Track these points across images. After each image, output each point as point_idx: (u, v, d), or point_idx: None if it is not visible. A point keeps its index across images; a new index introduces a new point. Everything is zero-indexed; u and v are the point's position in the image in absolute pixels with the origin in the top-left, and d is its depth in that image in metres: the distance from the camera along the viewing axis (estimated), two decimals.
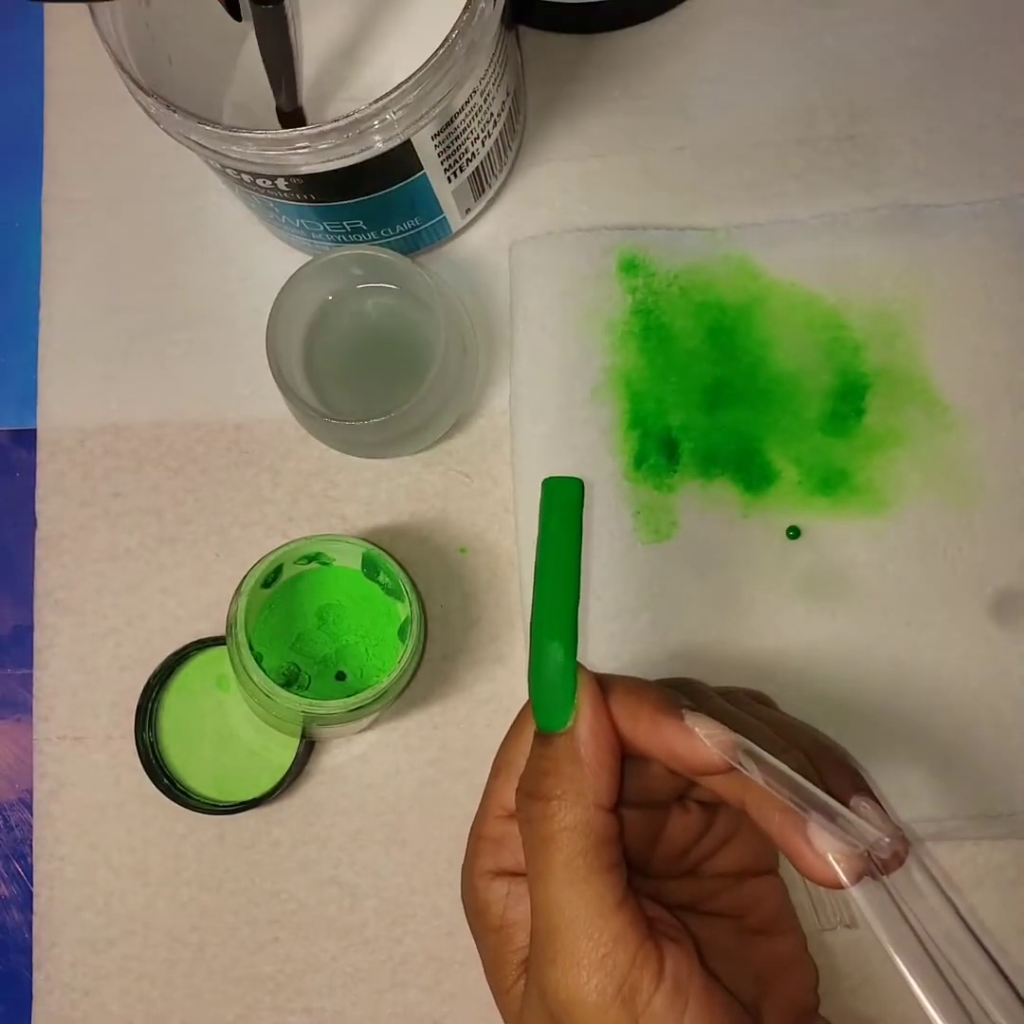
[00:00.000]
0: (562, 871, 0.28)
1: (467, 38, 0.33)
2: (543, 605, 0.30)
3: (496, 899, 0.31)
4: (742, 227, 0.41)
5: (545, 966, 0.28)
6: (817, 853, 0.28)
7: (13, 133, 0.45)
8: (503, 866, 0.31)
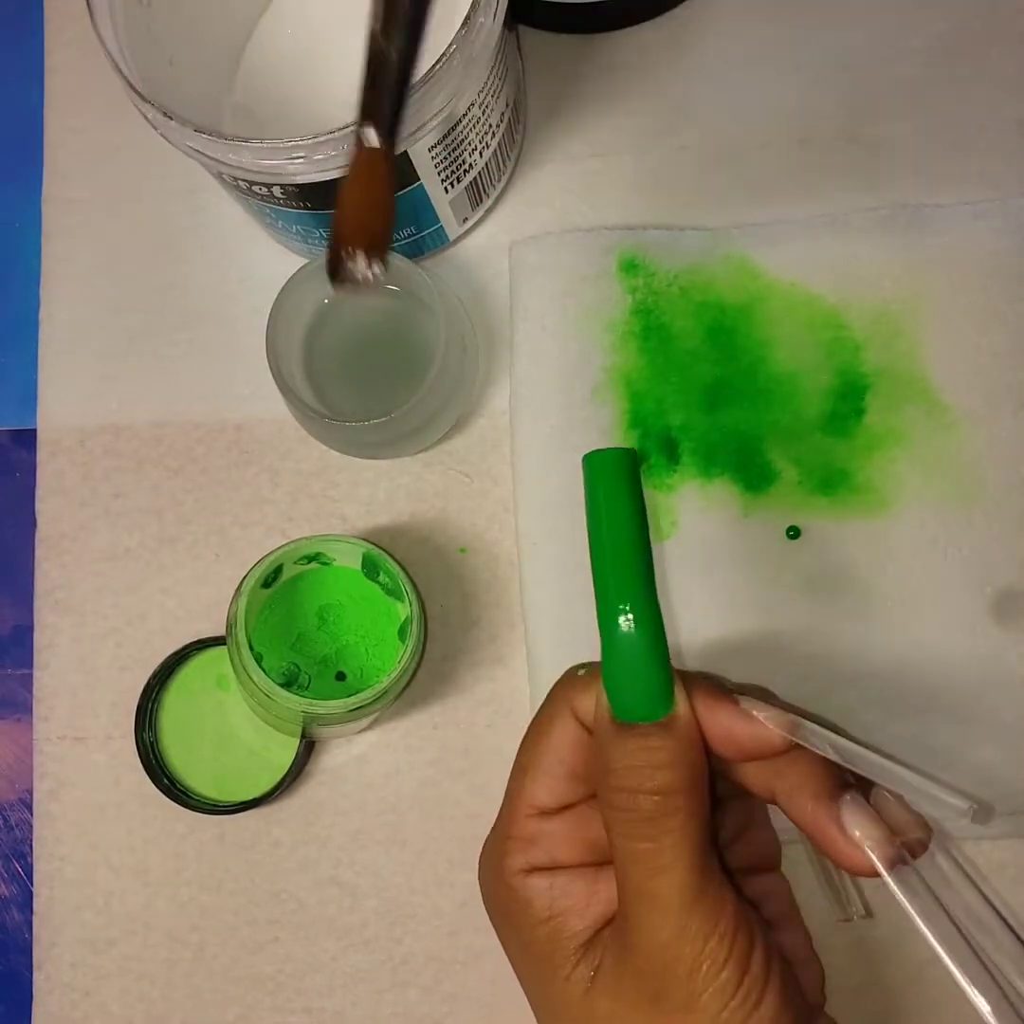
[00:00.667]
0: (691, 857, 0.28)
1: (465, 52, 0.33)
2: (611, 581, 0.29)
3: (539, 893, 0.31)
4: (742, 227, 0.41)
5: (661, 949, 0.28)
6: (851, 841, 0.28)
7: (13, 133, 0.45)
8: (535, 863, 0.31)
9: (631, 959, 0.29)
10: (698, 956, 0.28)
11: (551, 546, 0.40)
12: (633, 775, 0.29)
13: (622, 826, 0.29)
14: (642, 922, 0.29)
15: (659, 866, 0.29)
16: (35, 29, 0.45)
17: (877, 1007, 0.39)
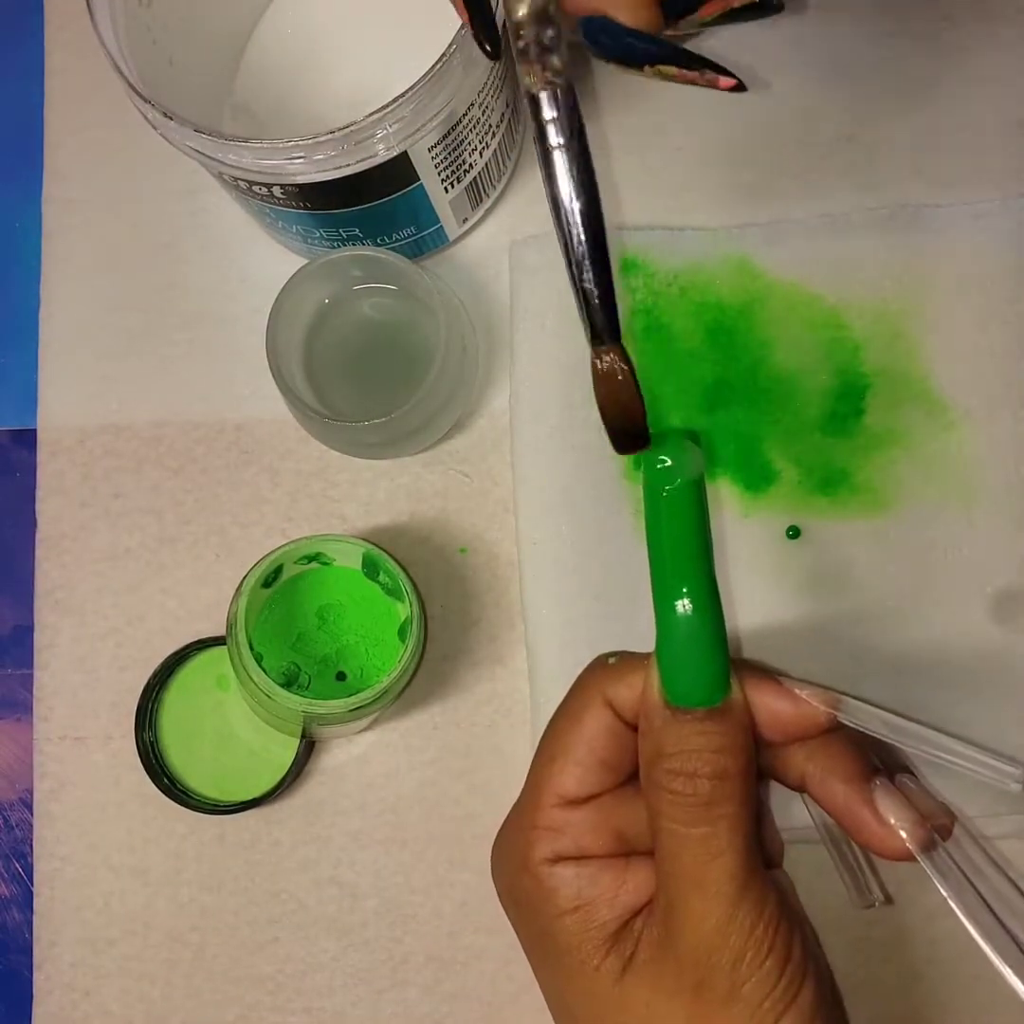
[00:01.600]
0: (744, 841, 0.29)
1: (465, 52, 0.33)
2: (680, 568, 0.29)
3: (566, 883, 0.31)
4: (742, 227, 0.41)
5: (707, 936, 0.28)
6: (885, 824, 0.29)
7: (13, 133, 0.45)
8: (562, 852, 0.31)
9: (673, 948, 0.29)
10: (744, 945, 0.28)
11: (551, 546, 0.40)
12: (691, 759, 0.29)
13: (676, 811, 0.29)
14: (689, 910, 0.29)
15: (714, 851, 0.28)
16: (35, 29, 0.45)
17: (876, 1008, 0.39)
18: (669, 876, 0.29)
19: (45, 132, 0.45)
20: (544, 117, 0.27)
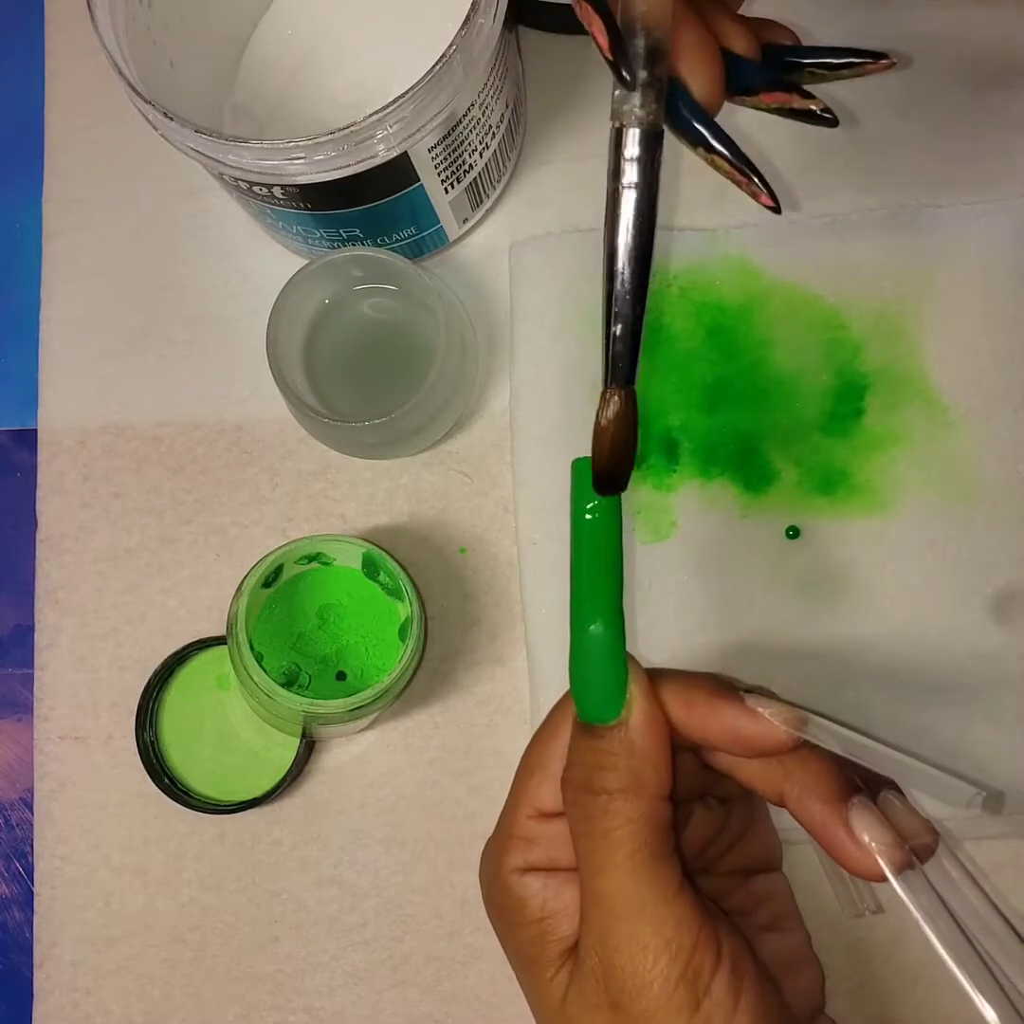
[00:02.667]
0: (626, 862, 0.28)
1: (465, 53, 0.33)
2: (585, 588, 0.29)
3: (533, 893, 0.31)
4: (741, 227, 0.41)
5: (609, 954, 0.28)
6: (859, 844, 0.28)
7: (14, 134, 0.45)
8: (533, 863, 0.31)
9: (588, 961, 0.29)
10: (648, 972, 0.28)
11: (551, 546, 0.40)
12: (581, 772, 0.30)
13: (571, 822, 0.30)
14: (591, 923, 0.29)
15: (595, 865, 0.29)
16: (36, 30, 0.45)
17: (876, 1009, 0.39)
18: (582, 888, 0.30)
19: (46, 133, 0.45)
20: (625, 154, 0.27)
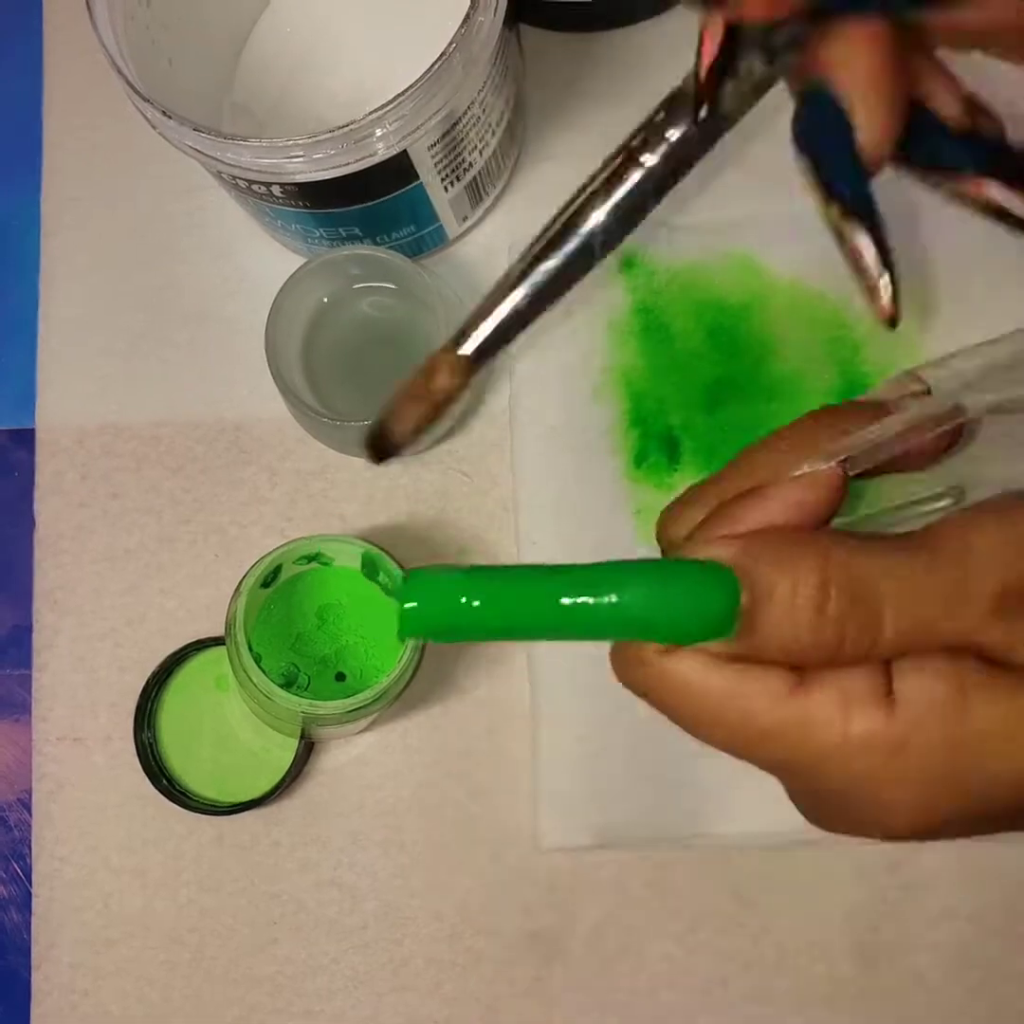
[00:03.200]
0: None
1: (465, 51, 0.33)
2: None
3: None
4: (743, 225, 0.41)
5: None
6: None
7: (12, 132, 0.45)
8: None
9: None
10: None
11: (551, 546, 0.39)
12: None
13: None
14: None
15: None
16: (34, 29, 0.45)
17: (879, 1011, 0.38)
18: None
19: (44, 131, 0.44)
20: (667, 134, 0.23)
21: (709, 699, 0.23)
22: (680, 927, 0.39)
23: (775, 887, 0.39)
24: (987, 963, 0.38)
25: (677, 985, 0.39)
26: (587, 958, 0.39)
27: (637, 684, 0.25)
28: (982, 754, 0.22)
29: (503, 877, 0.39)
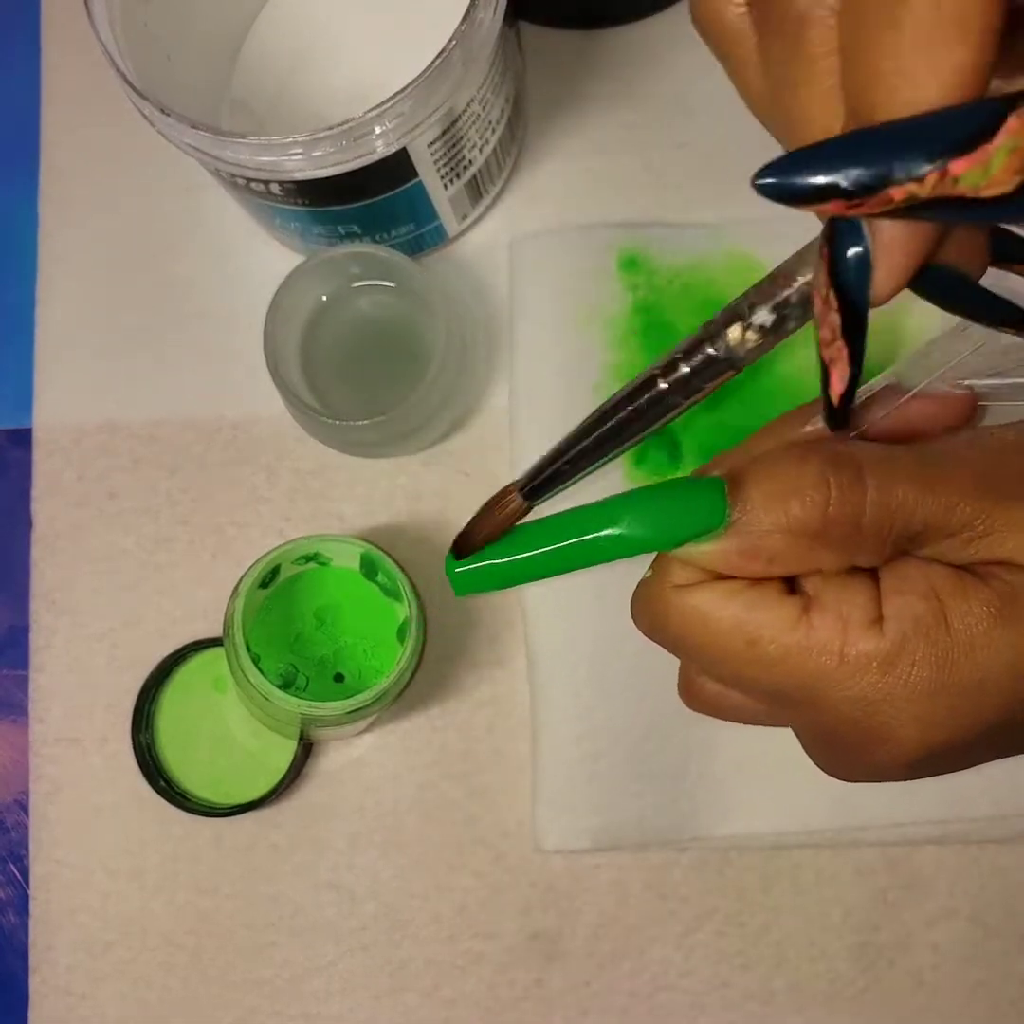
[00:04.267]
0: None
1: (465, 48, 0.33)
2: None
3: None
4: (744, 223, 0.41)
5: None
6: None
7: (10, 131, 0.45)
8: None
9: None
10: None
11: None
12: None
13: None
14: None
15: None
16: (32, 26, 0.45)
17: (879, 1013, 0.38)
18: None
19: (42, 129, 0.44)
20: (685, 365, 0.24)
21: (722, 628, 0.25)
22: (680, 928, 0.39)
23: (775, 887, 0.39)
24: (987, 963, 0.38)
25: (677, 986, 0.39)
26: (587, 959, 0.39)
27: (657, 619, 0.27)
28: (969, 658, 0.24)
29: (503, 879, 0.39)
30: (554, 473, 0.26)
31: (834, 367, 0.24)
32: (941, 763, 0.26)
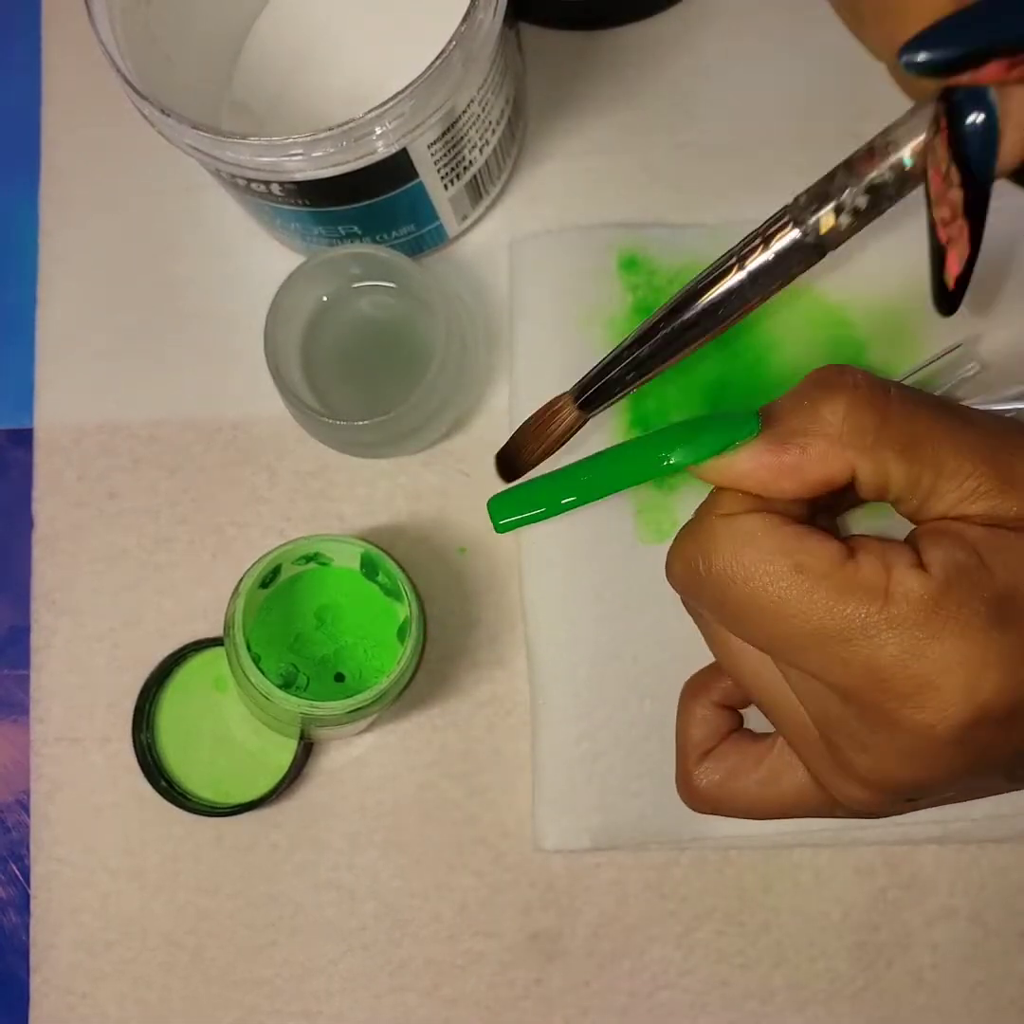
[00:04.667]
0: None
1: (465, 49, 0.33)
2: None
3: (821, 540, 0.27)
4: (744, 224, 0.41)
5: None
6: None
7: (11, 131, 0.45)
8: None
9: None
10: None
11: (551, 546, 0.39)
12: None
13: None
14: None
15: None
16: (32, 26, 0.45)
17: (879, 1012, 0.38)
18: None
19: (42, 130, 0.44)
20: (778, 242, 0.25)
21: (770, 547, 0.25)
22: (680, 927, 0.39)
23: (775, 887, 0.39)
24: (987, 963, 0.38)
25: (677, 985, 0.39)
26: (587, 959, 0.39)
27: (703, 548, 0.26)
28: (1014, 602, 0.24)
29: (503, 878, 0.39)
30: (610, 381, 0.25)
31: (953, 247, 0.23)
32: (987, 737, 0.24)
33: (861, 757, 0.26)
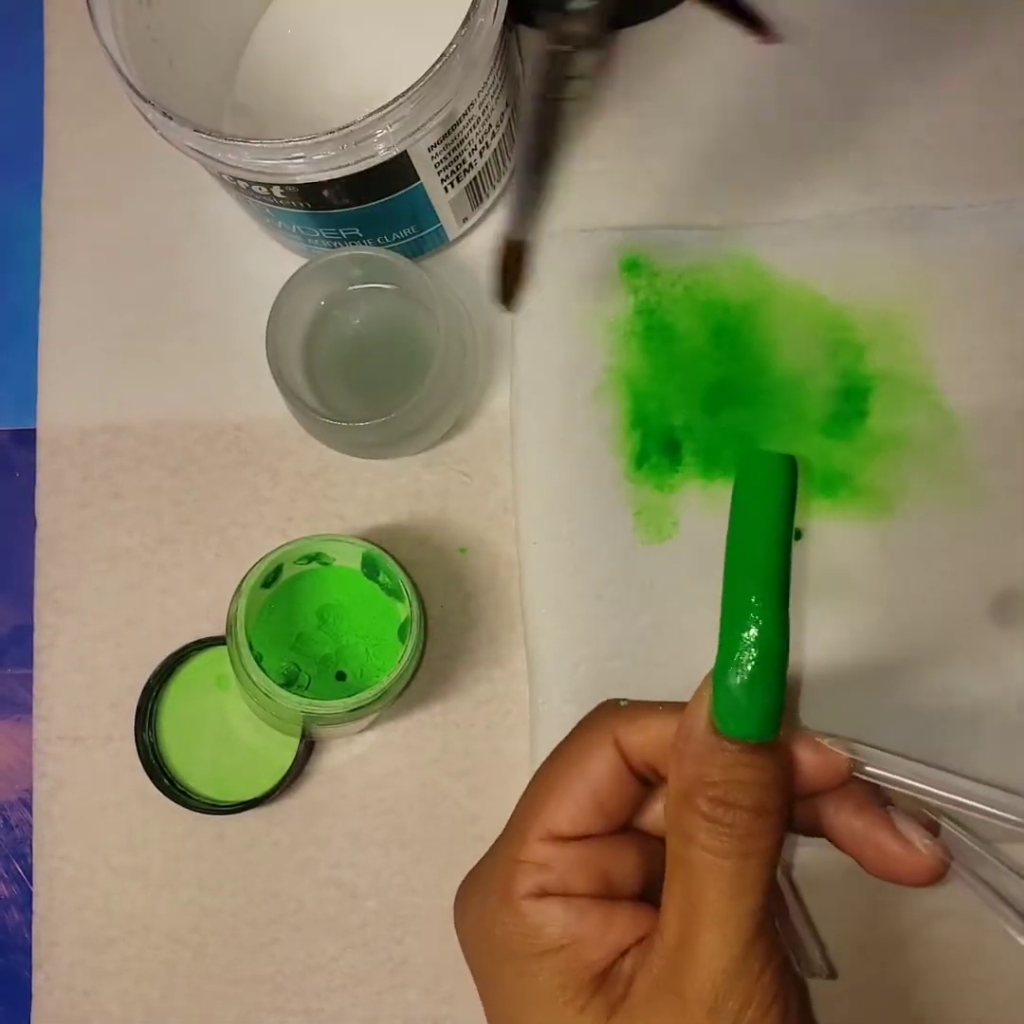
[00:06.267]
0: (770, 884, 0.28)
1: (465, 52, 0.33)
2: (759, 593, 0.27)
3: (552, 919, 0.29)
4: (746, 227, 0.41)
5: (732, 972, 0.27)
6: (910, 846, 0.30)
7: (13, 133, 0.45)
8: (548, 888, 0.30)
9: (677, 987, 0.28)
10: (751, 989, 0.27)
11: (551, 546, 0.39)
12: (735, 790, 0.28)
13: (712, 840, 0.28)
14: (703, 946, 0.27)
15: (742, 887, 0.27)
16: (35, 29, 0.45)
17: (876, 1011, 0.38)
18: (688, 909, 0.28)
19: (45, 132, 0.45)
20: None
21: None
22: None
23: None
24: (985, 962, 0.38)
25: None
26: None
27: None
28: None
29: None
30: (534, 199, 0.31)
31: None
32: None
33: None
